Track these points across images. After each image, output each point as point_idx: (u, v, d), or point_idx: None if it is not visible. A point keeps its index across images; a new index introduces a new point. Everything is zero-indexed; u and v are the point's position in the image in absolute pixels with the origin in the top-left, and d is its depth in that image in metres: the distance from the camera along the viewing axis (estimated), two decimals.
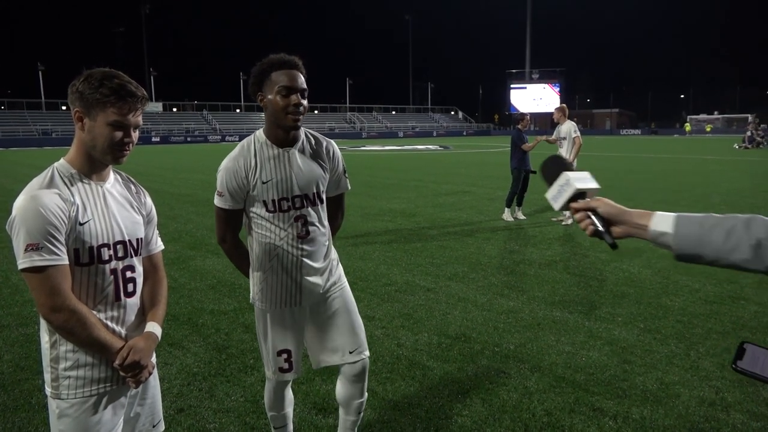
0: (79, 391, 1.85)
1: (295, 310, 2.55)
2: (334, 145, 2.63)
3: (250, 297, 2.62)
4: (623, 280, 6.17)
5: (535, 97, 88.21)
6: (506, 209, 9.95)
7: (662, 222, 1.32)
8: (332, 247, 2.65)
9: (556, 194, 1.49)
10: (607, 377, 3.85)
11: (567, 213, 9.13)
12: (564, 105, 10.61)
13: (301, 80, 2.33)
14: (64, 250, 1.77)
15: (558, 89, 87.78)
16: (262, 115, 2.53)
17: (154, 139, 58.29)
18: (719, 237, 1.26)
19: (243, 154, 2.42)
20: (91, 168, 1.88)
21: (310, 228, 2.47)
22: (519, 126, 10.39)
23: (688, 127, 68.37)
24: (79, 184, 1.86)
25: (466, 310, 5.26)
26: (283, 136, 2.40)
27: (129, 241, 1.93)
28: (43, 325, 1.85)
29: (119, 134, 1.82)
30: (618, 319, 4.95)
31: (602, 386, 3.72)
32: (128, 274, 1.93)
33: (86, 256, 1.82)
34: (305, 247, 2.47)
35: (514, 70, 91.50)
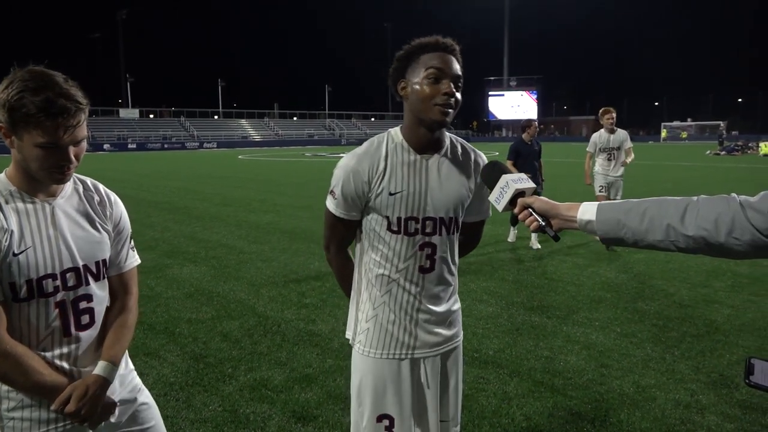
0: None
1: (405, 364, 1.98)
2: (484, 159, 2.06)
3: (349, 335, 2.08)
4: (600, 285, 6.24)
5: (513, 105, 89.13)
6: (512, 228, 8.78)
7: (587, 211, 1.44)
8: (456, 290, 2.13)
9: (498, 196, 1.62)
10: (585, 381, 3.88)
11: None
12: (610, 109, 8.43)
13: (457, 67, 1.85)
14: None
15: (535, 96, 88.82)
16: (242, 121, 2.11)
17: (130, 146, 57.59)
18: (635, 220, 1.36)
19: (370, 154, 1.91)
20: (35, 184, 1.60)
21: (437, 262, 1.97)
22: (524, 135, 8.48)
23: (664, 133, 69.78)
24: (20, 204, 1.58)
25: None
26: (425, 137, 1.90)
27: (85, 266, 1.66)
28: None
29: (52, 156, 1.52)
30: (595, 324, 5.00)
31: (580, 390, 3.75)
32: (82, 305, 1.66)
33: (24, 291, 1.56)
34: (428, 285, 1.96)
35: (492, 78, 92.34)
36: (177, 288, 6.27)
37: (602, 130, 8.47)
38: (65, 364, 1.66)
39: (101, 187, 1.82)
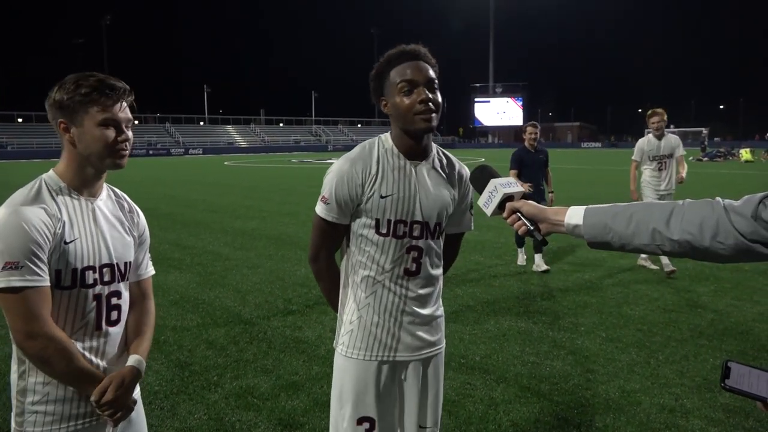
0: (46, 429, 1.66)
1: (387, 367, 1.99)
2: (467, 171, 2.08)
3: (333, 341, 2.10)
4: (585, 290, 6.28)
5: (498, 111, 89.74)
6: (519, 251, 7.66)
7: (574, 215, 1.45)
8: (440, 296, 2.14)
9: (487, 200, 1.61)
10: (571, 386, 3.90)
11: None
12: (658, 110, 7.19)
13: (427, 70, 1.87)
14: (46, 270, 1.60)
15: (521, 103, 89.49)
16: (228, 128, 2.13)
17: None
18: (621, 224, 1.37)
19: (363, 158, 1.95)
20: (83, 182, 1.72)
21: (423, 265, 1.99)
22: (525, 142, 7.47)
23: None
24: (68, 198, 1.70)
25: None
26: (413, 145, 1.94)
27: (117, 264, 1.76)
28: (15, 352, 1.67)
29: (112, 133, 1.67)
30: (581, 329, 5.03)
31: (566, 395, 3.77)
32: (113, 300, 1.75)
33: (68, 279, 1.65)
34: (412, 287, 1.98)
35: (477, 84, 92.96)
36: (162, 295, 6.21)
37: (650, 135, 7.34)
38: (93, 358, 1.72)
39: (128, 198, 1.94)
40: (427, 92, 1.84)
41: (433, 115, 1.86)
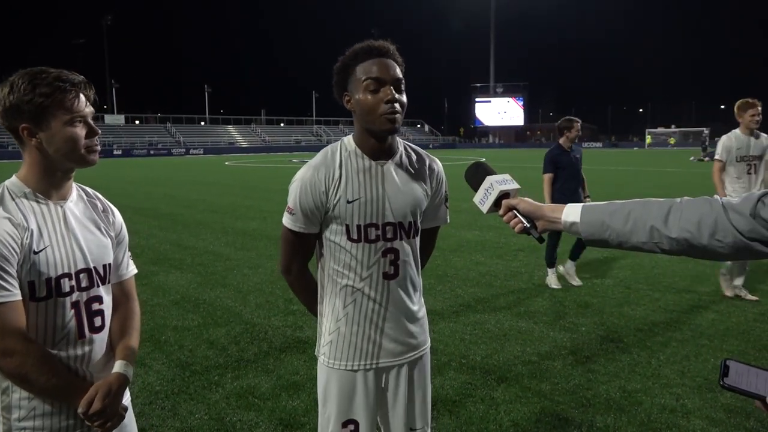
0: None
1: (370, 374, 1.97)
2: (439, 164, 2.07)
3: (315, 349, 2.07)
4: (586, 290, 6.27)
5: (499, 111, 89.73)
6: (549, 271, 6.50)
7: (571, 213, 1.44)
8: (421, 296, 2.09)
9: (483, 198, 1.59)
10: (572, 386, 3.90)
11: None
12: (754, 101, 5.79)
13: (394, 69, 1.82)
14: (17, 284, 1.53)
15: (522, 103, 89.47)
16: (229, 128, 2.04)
17: (116, 152, 57.09)
18: (619, 222, 1.36)
19: (325, 163, 1.89)
20: (49, 185, 1.63)
21: (401, 267, 1.93)
22: (561, 140, 6.47)
23: (648, 139, 70.77)
24: (35, 204, 1.61)
25: (432, 322, 5.26)
26: (376, 145, 1.89)
27: (94, 268, 1.68)
28: None
29: (82, 131, 1.60)
30: (582, 329, 5.03)
31: (567, 395, 3.77)
32: (94, 306, 1.68)
33: (43, 290, 1.57)
34: (392, 291, 1.93)
35: (478, 84, 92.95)
36: (163, 295, 6.21)
37: (738, 131, 5.89)
38: (80, 367, 1.66)
39: (101, 196, 1.85)
40: (393, 92, 1.79)
41: (398, 116, 1.81)
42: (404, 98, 1.84)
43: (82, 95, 1.60)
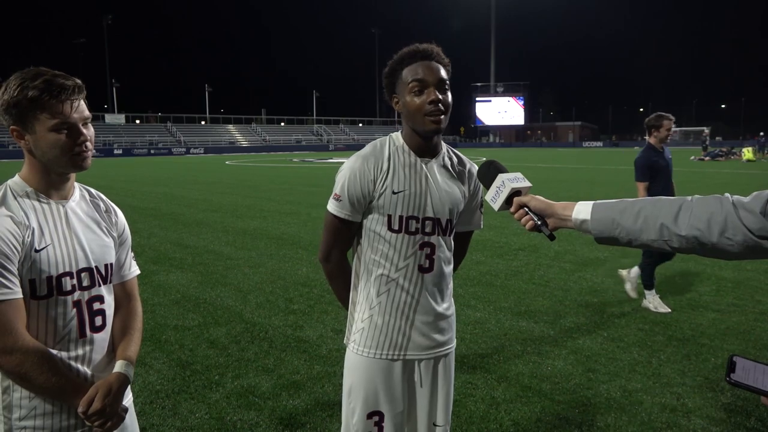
0: None
1: (397, 365, 2.01)
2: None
3: (345, 338, 2.12)
4: (587, 290, 6.27)
5: (500, 110, 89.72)
6: (648, 293, 5.58)
7: (582, 211, 1.45)
8: (451, 295, 2.16)
9: (495, 195, 1.61)
10: (572, 386, 3.90)
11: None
12: None
13: (438, 71, 1.88)
14: (17, 282, 1.53)
15: (522, 102, 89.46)
16: (229, 127, 2.09)
17: (116, 152, 57.17)
18: (629, 219, 1.36)
19: (375, 154, 1.97)
20: (48, 185, 1.63)
21: (436, 262, 2.00)
22: (651, 139, 5.73)
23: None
24: (36, 203, 1.61)
25: None
26: (422, 143, 1.97)
27: (96, 267, 1.68)
28: None
29: (66, 137, 1.56)
30: (582, 328, 5.03)
31: (567, 395, 3.77)
32: (95, 305, 1.68)
33: (44, 288, 1.57)
34: (426, 284, 2.00)
35: (479, 84, 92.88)
36: (163, 295, 6.21)
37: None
38: (80, 367, 1.66)
39: (104, 196, 1.86)
40: (437, 93, 1.86)
41: (442, 116, 1.88)
42: (449, 98, 1.90)
43: (71, 101, 1.57)
